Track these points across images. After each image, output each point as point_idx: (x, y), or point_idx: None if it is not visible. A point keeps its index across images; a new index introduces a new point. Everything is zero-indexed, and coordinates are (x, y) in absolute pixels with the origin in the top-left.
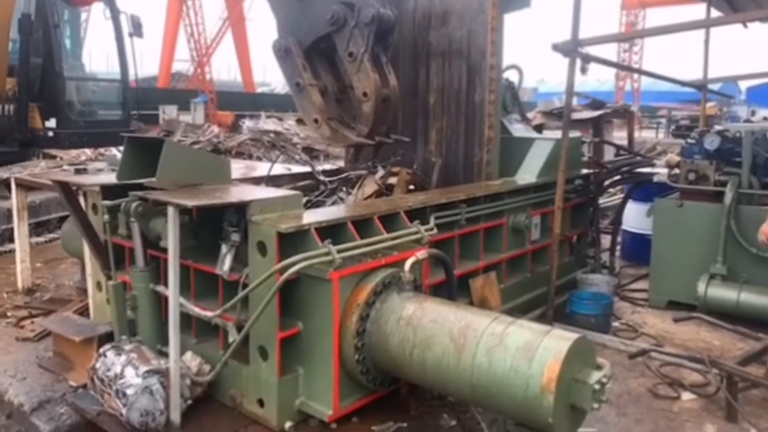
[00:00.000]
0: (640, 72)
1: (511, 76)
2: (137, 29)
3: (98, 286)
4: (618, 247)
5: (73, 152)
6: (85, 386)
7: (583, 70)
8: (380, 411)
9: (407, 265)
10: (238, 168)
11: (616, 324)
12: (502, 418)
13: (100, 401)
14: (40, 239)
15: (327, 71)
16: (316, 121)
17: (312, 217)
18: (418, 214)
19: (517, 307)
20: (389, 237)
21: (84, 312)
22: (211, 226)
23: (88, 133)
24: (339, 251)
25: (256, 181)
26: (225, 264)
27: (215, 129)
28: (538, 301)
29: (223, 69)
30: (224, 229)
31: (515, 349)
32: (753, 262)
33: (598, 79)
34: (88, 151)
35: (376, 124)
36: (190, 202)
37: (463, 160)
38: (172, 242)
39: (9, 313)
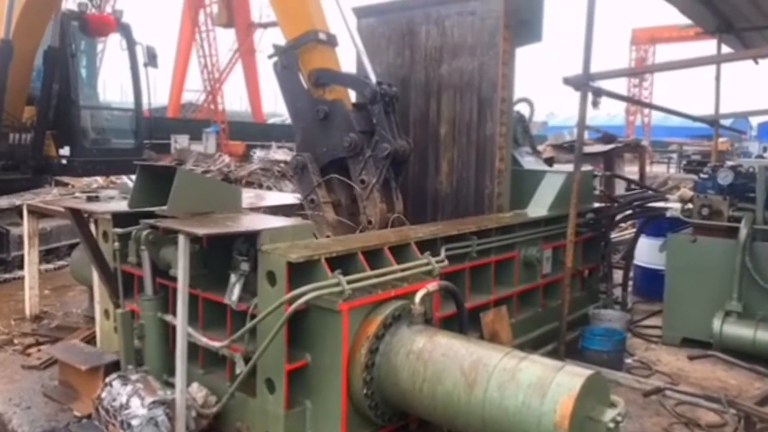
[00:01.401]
0: (652, 107)
1: (522, 109)
2: (152, 60)
3: (106, 314)
4: (630, 282)
5: (85, 180)
6: (89, 416)
7: (595, 104)
8: None
9: (418, 297)
10: (248, 197)
11: (629, 361)
12: None
13: None
14: (50, 266)
15: (342, 185)
16: (328, 236)
17: (322, 247)
18: (428, 246)
19: (528, 342)
20: (399, 268)
21: (91, 340)
22: (221, 255)
23: (101, 161)
24: (349, 282)
25: (268, 210)
26: (234, 294)
27: (226, 158)
28: (549, 336)
29: (235, 99)
30: (234, 258)
31: (527, 384)
32: None
33: (609, 113)
34: (100, 179)
35: None
36: (200, 231)
37: (474, 191)
38: (182, 271)
39: (16, 340)
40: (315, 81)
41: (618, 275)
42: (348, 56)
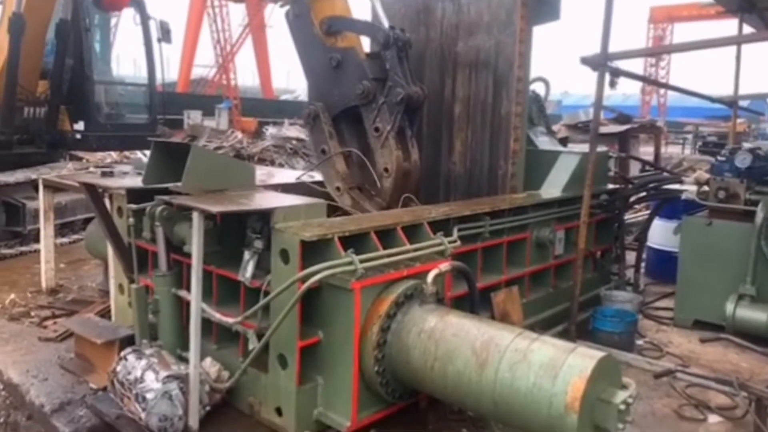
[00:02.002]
0: (669, 87)
1: (538, 88)
2: (166, 35)
3: (120, 288)
4: (642, 264)
5: (99, 155)
6: (105, 389)
7: (612, 84)
8: (398, 424)
9: (430, 277)
10: (260, 174)
11: (640, 342)
12: None
13: (119, 404)
14: (65, 240)
15: (353, 137)
16: (338, 188)
17: (336, 226)
18: (441, 226)
19: (539, 322)
20: (412, 248)
21: (106, 314)
22: (234, 232)
23: (115, 136)
24: (361, 261)
25: (281, 188)
26: (247, 271)
27: (239, 135)
28: (560, 316)
29: (246, 75)
30: (247, 235)
31: (539, 365)
32: None
33: (624, 93)
34: (114, 154)
35: (394, 198)
36: (214, 208)
37: (487, 172)
38: (196, 247)
39: (32, 313)
40: (327, 29)
41: (630, 257)
42: (358, 7)
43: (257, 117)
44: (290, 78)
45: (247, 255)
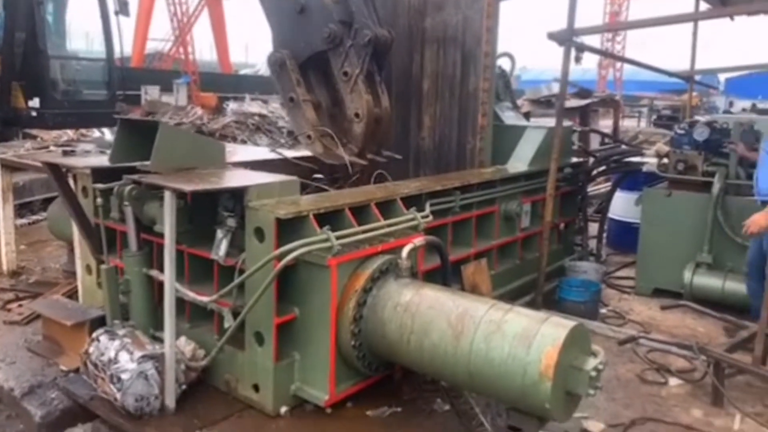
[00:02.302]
0: (631, 62)
1: (503, 63)
2: (123, 8)
3: (88, 269)
4: (603, 235)
5: (54, 133)
6: (76, 371)
7: (578, 59)
8: (374, 396)
9: (405, 251)
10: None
11: (603, 311)
12: (494, 403)
13: (93, 386)
14: (23, 221)
15: (321, 85)
16: (309, 137)
17: (310, 203)
18: (413, 201)
19: (506, 293)
20: (386, 224)
21: (72, 295)
22: (204, 211)
23: (72, 113)
24: (337, 238)
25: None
26: (221, 249)
27: (199, 111)
28: (526, 287)
29: (205, 50)
30: (219, 214)
31: (513, 336)
32: (738, 252)
33: (582, 68)
34: (70, 132)
35: (366, 145)
36: (186, 187)
37: (456, 146)
38: (168, 227)
39: None
40: None
41: (592, 228)
42: None
43: (216, 92)
44: (249, 52)
45: (219, 234)
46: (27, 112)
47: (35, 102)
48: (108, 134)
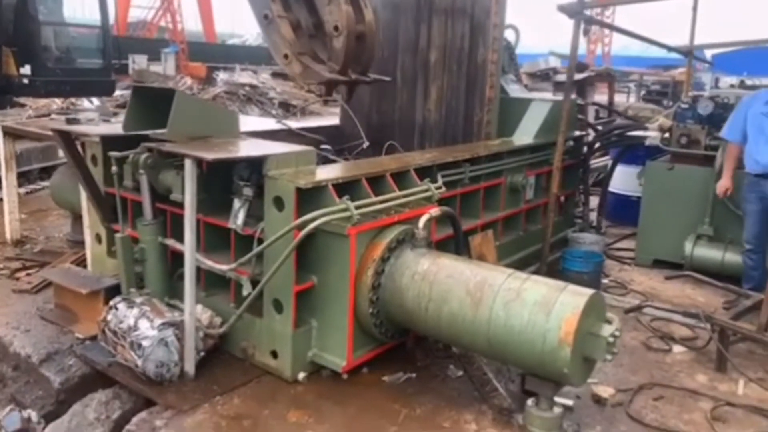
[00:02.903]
0: (637, 37)
1: (508, 35)
2: None
3: (98, 238)
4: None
5: (42, 102)
6: (92, 338)
7: (586, 32)
8: (389, 362)
9: (422, 221)
10: None
11: (605, 281)
12: (506, 368)
13: (111, 353)
14: (21, 190)
15: (300, 3)
16: (285, 56)
17: (328, 173)
18: (425, 172)
19: (511, 264)
20: (401, 194)
21: (80, 264)
22: (218, 180)
23: (66, 82)
24: (356, 207)
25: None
26: (239, 218)
27: (188, 81)
28: (530, 258)
29: (189, 20)
30: (235, 183)
31: (532, 303)
32: (738, 224)
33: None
34: (58, 101)
35: (347, 62)
36: (208, 155)
37: (463, 119)
38: (188, 195)
39: (1, 265)
40: None
41: (592, 201)
42: None
43: (205, 62)
44: (234, 23)
45: (237, 203)
46: (19, 80)
47: (27, 69)
48: (96, 103)
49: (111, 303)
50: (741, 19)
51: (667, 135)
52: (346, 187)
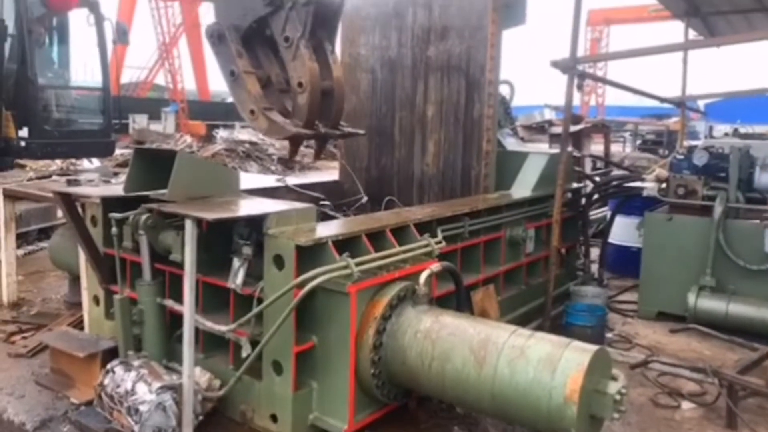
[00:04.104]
0: (629, 89)
1: (503, 90)
2: (122, 36)
3: (95, 300)
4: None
5: (41, 163)
6: (87, 403)
7: (579, 87)
8: (391, 424)
9: (422, 278)
10: None
11: (609, 335)
12: (512, 429)
13: (107, 418)
14: (20, 252)
15: (271, 60)
16: (252, 112)
17: (327, 230)
18: (424, 227)
19: (514, 319)
20: (401, 250)
21: (77, 327)
22: (217, 239)
23: (63, 143)
24: (356, 264)
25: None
26: (238, 278)
27: (188, 139)
28: (532, 313)
29: (188, 78)
30: (235, 242)
31: (537, 360)
32: (740, 274)
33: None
34: (59, 162)
35: (312, 118)
36: (209, 216)
37: (461, 172)
38: (189, 256)
39: None
40: None
41: (593, 253)
42: None
43: (204, 120)
44: None
45: (236, 262)
46: (17, 142)
47: (24, 132)
48: (97, 163)
49: (108, 366)
50: (730, 68)
51: (664, 186)
52: (346, 244)
